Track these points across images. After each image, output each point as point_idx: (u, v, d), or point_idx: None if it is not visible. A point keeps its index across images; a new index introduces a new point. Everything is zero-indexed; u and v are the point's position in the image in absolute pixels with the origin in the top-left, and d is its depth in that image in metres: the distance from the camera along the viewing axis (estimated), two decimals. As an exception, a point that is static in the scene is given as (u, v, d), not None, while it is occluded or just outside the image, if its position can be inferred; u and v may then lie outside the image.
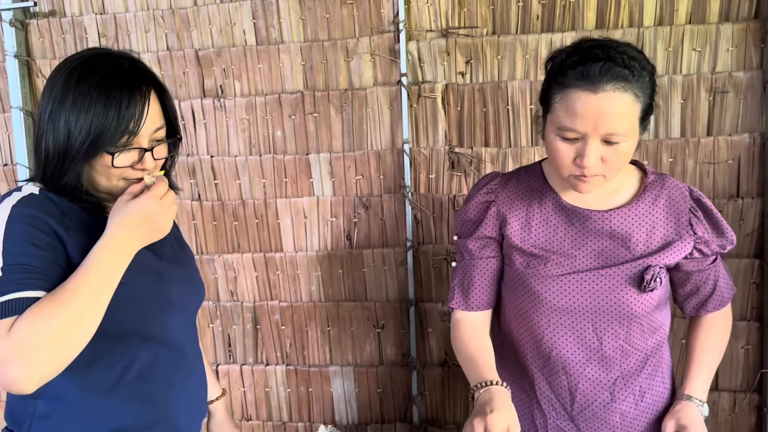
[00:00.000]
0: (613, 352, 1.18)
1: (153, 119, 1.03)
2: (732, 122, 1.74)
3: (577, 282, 1.16)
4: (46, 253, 0.95)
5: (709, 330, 1.26)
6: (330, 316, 2.01)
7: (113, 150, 1.00)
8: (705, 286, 1.23)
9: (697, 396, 1.19)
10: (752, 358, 1.78)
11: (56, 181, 1.02)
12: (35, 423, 1.04)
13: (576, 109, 1.01)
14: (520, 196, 1.22)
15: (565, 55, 1.05)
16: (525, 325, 1.23)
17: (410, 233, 1.92)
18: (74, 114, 0.98)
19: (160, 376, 1.11)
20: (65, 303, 0.91)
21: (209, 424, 1.42)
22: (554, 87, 1.06)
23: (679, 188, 1.19)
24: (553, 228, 1.19)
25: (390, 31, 1.89)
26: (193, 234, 2.05)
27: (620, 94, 0.99)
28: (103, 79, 0.99)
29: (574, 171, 1.06)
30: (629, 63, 1.00)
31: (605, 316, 1.17)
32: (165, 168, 1.16)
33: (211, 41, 2.00)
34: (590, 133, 1.01)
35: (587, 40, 1.07)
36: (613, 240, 1.16)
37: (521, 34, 1.82)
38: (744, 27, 1.70)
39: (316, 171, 1.97)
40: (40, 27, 2.09)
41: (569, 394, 1.21)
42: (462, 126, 1.88)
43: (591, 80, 0.99)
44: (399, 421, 2.01)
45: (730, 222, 1.73)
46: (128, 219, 1.00)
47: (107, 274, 0.96)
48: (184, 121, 2.02)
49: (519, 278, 1.21)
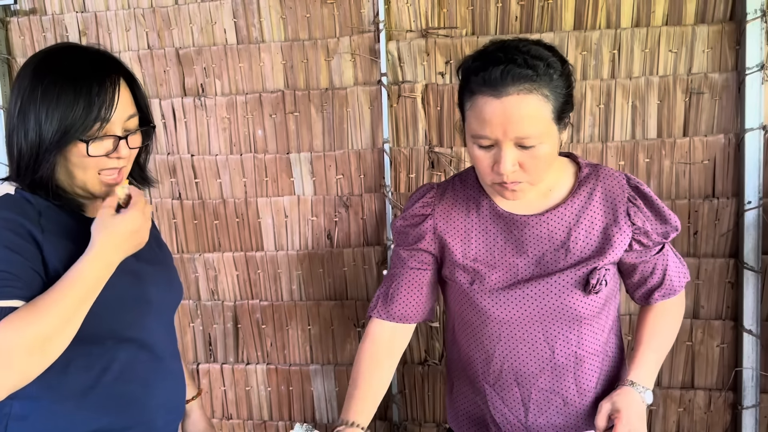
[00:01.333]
0: (566, 359, 1.17)
1: (124, 107, 1.03)
2: (708, 123, 1.76)
3: (523, 293, 1.13)
4: (22, 258, 0.94)
5: (657, 315, 1.23)
6: (311, 315, 2.01)
7: (86, 138, 0.99)
8: (653, 276, 1.19)
9: (640, 382, 1.15)
10: (727, 356, 1.79)
11: (31, 174, 1.01)
12: (11, 423, 1.03)
13: (484, 116, 0.98)
14: (457, 208, 1.19)
15: (471, 61, 1.03)
16: (474, 341, 1.21)
17: (390, 232, 1.93)
18: (44, 106, 0.98)
19: (138, 377, 1.11)
20: (44, 315, 0.91)
21: (185, 424, 1.42)
22: (464, 95, 1.03)
23: (616, 177, 1.15)
24: (492, 238, 1.16)
25: (370, 30, 1.89)
26: (174, 233, 2.05)
27: (525, 96, 0.96)
28: (71, 69, 0.99)
29: (495, 178, 1.04)
30: (532, 63, 0.97)
31: (555, 323, 1.14)
32: (140, 157, 1.16)
33: (192, 40, 2.00)
34: (501, 139, 0.99)
35: (493, 43, 1.04)
36: (552, 244, 1.13)
37: (500, 35, 1.83)
38: (719, 29, 1.72)
39: (297, 170, 1.97)
40: (20, 25, 2.09)
41: (523, 406, 1.20)
42: (442, 126, 1.89)
43: (493, 85, 0.96)
44: (379, 419, 2.01)
45: (705, 222, 1.76)
46: (116, 234, 1.00)
47: (90, 287, 0.97)
48: (164, 120, 2.02)
49: (464, 295, 1.18)
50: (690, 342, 1.80)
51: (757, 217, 1.70)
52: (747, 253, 1.72)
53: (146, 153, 1.18)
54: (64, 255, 0.99)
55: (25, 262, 0.95)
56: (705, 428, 1.83)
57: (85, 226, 1.05)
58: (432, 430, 1.98)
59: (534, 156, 1.00)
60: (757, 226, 1.70)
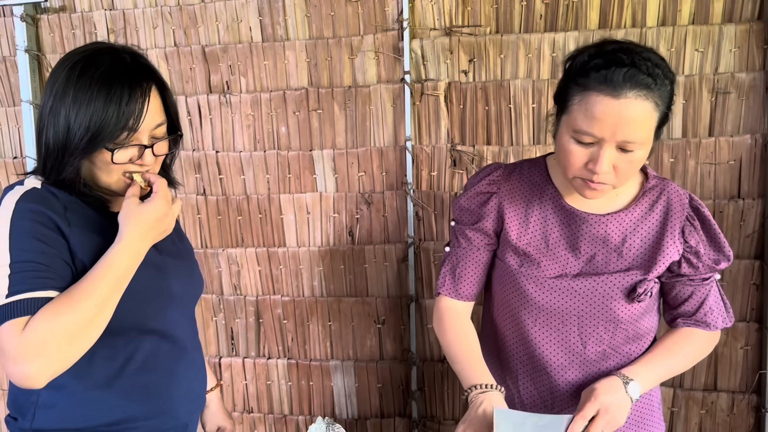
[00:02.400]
0: (595, 356, 1.18)
1: (153, 115, 1.03)
2: (734, 123, 1.74)
3: (568, 285, 1.15)
4: (52, 249, 0.97)
5: (681, 337, 1.20)
6: (331, 311, 2.03)
7: (112, 147, 1.00)
8: (687, 302, 1.19)
9: (631, 375, 1.11)
10: (751, 358, 1.78)
11: (56, 174, 1.03)
12: (38, 412, 1.06)
13: (595, 113, 0.99)
14: (521, 191, 1.21)
15: (588, 57, 1.03)
16: (512, 321, 1.23)
17: (412, 230, 1.94)
18: (74, 109, 0.99)
19: (162, 367, 1.13)
20: (79, 304, 0.94)
21: (203, 415, 1.44)
22: (573, 88, 1.03)
23: (679, 195, 1.17)
24: (549, 227, 1.18)
25: (394, 29, 1.90)
26: (198, 228, 2.08)
27: (641, 102, 0.98)
28: (104, 75, 1.00)
29: (584, 174, 1.05)
30: (653, 71, 0.99)
31: (591, 321, 1.16)
32: (165, 164, 1.17)
33: (218, 38, 2.03)
34: (607, 139, 1.00)
35: (610, 42, 1.04)
36: (606, 246, 1.15)
37: (524, 34, 1.83)
38: (747, 28, 1.71)
39: (320, 167, 1.99)
40: (50, 22, 2.13)
41: (550, 394, 1.21)
42: (464, 124, 1.90)
43: (614, 85, 0.97)
44: (398, 416, 2.02)
45: (730, 223, 1.74)
46: (143, 222, 1.02)
47: (121, 276, 0.99)
48: (190, 117, 2.05)
49: (510, 275, 1.20)
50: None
51: (784, 218, 1.69)
52: (773, 255, 1.70)
53: (172, 157, 1.19)
54: (89, 248, 1.02)
55: (54, 252, 0.97)
56: (727, 431, 1.81)
57: (109, 220, 1.08)
58: (451, 427, 1.99)
59: (629, 160, 1.02)
60: (783, 227, 1.69)
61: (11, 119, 2.18)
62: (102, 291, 0.96)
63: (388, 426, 2.03)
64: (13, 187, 1.04)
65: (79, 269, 1.00)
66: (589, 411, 1.05)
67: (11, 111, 2.17)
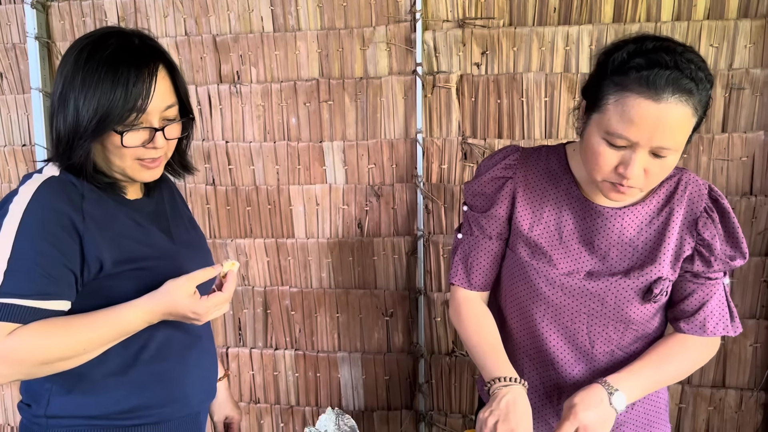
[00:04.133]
0: (603, 356, 1.15)
1: (162, 96, 1.02)
2: (747, 119, 1.74)
3: (581, 284, 1.11)
4: (58, 254, 0.96)
5: (678, 344, 1.13)
6: (339, 302, 2.03)
7: (121, 129, 1.00)
8: (686, 301, 1.13)
9: (615, 383, 1.06)
10: (760, 356, 1.78)
11: (66, 159, 1.02)
12: (53, 399, 1.07)
13: (632, 116, 0.93)
14: (537, 179, 1.15)
15: (627, 54, 0.96)
16: (520, 314, 1.20)
17: (421, 223, 1.94)
18: (83, 92, 0.98)
19: (176, 355, 1.13)
20: (70, 338, 0.97)
21: (211, 404, 1.44)
22: (609, 86, 0.96)
23: (698, 185, 1.10)
24: (564, 219, 1.13)
25: (406, 20, 1.89)
26: (207, 218, 2.08)
27: (682, 107, 0.92)
28: (111, 57, 0.99)
29: (612, 178, 0.99)
30: (696, 74, 0.93)
31: (602, 321, 1.13)
32: (181, 144, 1.16)
33: (229, 27, 2.02)
34: (642, 144, 0.94)
35: (650, 39, 0.97)
36: (621, 240, 1.10)
37: (538, 26, 1.82)
38: (762, 24, 1.70)
39: (329, 159, 1.99)
40: (60, 9, 2.12)
41: (557, 390, 1.19)
42: (476, 117, 1.89)
43: (655, 88, 0.91)
44: (405, 409, 2.03)
45: (742, 220, 1.74)
46: (177, 309, 1.02)
47: (124, 334, 1.02)
48: (200, 107, 2.04)
49: (520, 268, 1.16)
50: (723, 340, 1.79)
51: (796, 215, 1.68)
52: (784, 252, 1.70)
53: (187, 140, 1.18)
54: (102, 243, 1.01)
55: (61, 259, 0.97)
56: (735, 428, 1.82)
57: (125, 208, 1.08)
58: (458, 420, 1.99)
59: (661, 165, 0.98)
60: (795, 224, 1.68)
61: (20, 107, 2.17)
62: (98, 338, 0.99)
63: (394, 418, 2.04)
64: (31, 175, 1.04)
65: (89, 262, 1.00)
66: (567, 430, 1.01)
67: (20, 98, 2.17)
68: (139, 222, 1.10)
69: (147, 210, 1.15)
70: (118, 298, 1.03)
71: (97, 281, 1.02)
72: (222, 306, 1.08)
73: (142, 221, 1.11)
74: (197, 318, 1.04)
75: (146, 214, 1.14)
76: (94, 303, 1.02)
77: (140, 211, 1.13)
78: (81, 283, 1.01)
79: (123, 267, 1.03)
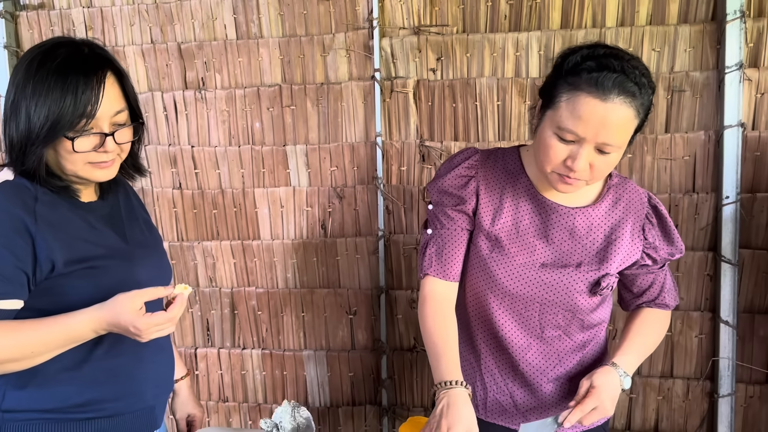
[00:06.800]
0: (551, 340, 1.25)
1: (111, 102, 1.06)
2: (688, 120, 1.82)
3: (536, 274, 1.20)
4: (10, 255, 1.01)
5: (646, 318, 1.30)
6: (305, 302, 2.09)
7: (72, 135, 1.03)
8: (650, 290, 1.28)
9: (622, 366, 1.20)
10: (705, 346, 1.85)
11: (20, 165, 1.06)
12: (8, 393, 1.10)
13: (581, 113, 1.03)
14: (496, 177, 1.24)
15: (581, 58, 1.06)
16: (477, 303, 1.27)
17: (382, 223, 2.00)
18: (34, 100, 1.02)
19: (129, 351, 1.17)
20: (19, 341, 1.02)
21: (173, 402, 1.48)
22: (563, 85, 1.07)
23: (639, 193, 1.24)
24: (521, 214, 1.22)
25: (364, 27, 1.96)
26: (174, 221, 2.13)
27: (626, 108, 1.03)
28: (60, 66, 1.03)
29: (560, 170, 1.09)
30: (639, 80, 1.03)
31: (552, 308, 1.22)
32: (133, 152, 1.21)
33: (194, 35, 2.07)
34: (588, 139, 1.04)
35: (602, 47, 1.08)
36: (572, 238, 1.21)
37: (489, 33, 1.90)
38: (701, 29, 1.78)
39: (293, 162, 2.04)
40: (29, 19, 2.16)
41: (511, 370, 1.27)
42: (432, 120, 1.96)
43: (603, 89, 1.01)
44: (369, 404, 2.08)
45: (685, 216, 1.82)
46: (122, 323, 1.04)
47: (72, 340, 1.06)
48: (166, 112, 2.10)
49: (480, 259, 1.24)
50: (670, 332, 1.86)
51: (735, 211, 1.76)
52: (725, 247, 1.78)
53: (139, 143, 1.22)
54: (54, 244, 1.05)
55: (13, 260, 1.02)
56: (683, 416, 1.89)
57: (79, 210, 1.12)
58: (420, 413, 2.05)
59: (605, 161, 1.07)
60: (734, 220, 1.76)
61: (-10, 114, 2.21)
62: (46, 342, 1.04)
63: (359, 413, 2.09)
64: None
65: (41, 263, 1.04)
66: (589, 406, 1.12)
67: (-10, 106, 2.20)
68: (92, 224, 1.14)
69: (101, 212, 1.19)
70: (70, 295, 1.08)
71: (50, 280, 1.07)
72: (164, 326, 1.07)
73: (96, 223, 1.15)
74: (138, 333, 1.04)
75: (100, 216, 1.18)
76: (46, 300, 1.07)
77: (94, 213, 1.16)
78: (33, 283, 1.05)
79: (74, 266, 1.07)
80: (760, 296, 1.81)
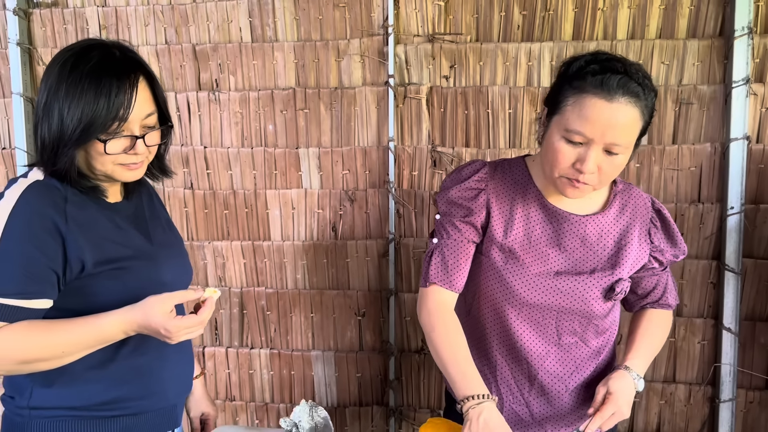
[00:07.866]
0: (567, 346, 1.27)
1: (142, 106, 1.08)
2: (695, 132, 1.86)
3: (553, 284, 1.22)
4: (42, 256, 1.03)
5: (650, 319, 1.35)
6: (314, 303, 2.11)
7: (104, 137, 1.06)
8: (654, 291, 1.33)
9: (634, 368, 1.23)
10: (707, 352, 1.90)
11: (51, 165, 1.08)
12: (36, 391, 1.12)
13: (588, 114, 1.06)
14: (506, 189, 1.26)
15: (585, 62, 1.10)
16: (494, 314, 1.29)
17: (392, 226, 2.03)
18: (67, 103, 1.04)
19: (153, 350, 1.19)
20: (50, 340, 1.03)
21: (187, 401, 1.49)
22: (568, 90, 1.10)
23: (643, 198, 1.28)
24: (532, 225, 1.24)
25: (379, 34, 1.99)
26: (185, 221, 2.14)
27: (631, 108, 1.06)
28: (93, 69, 1.05)
29: (569, 173, 1.11)
30: (643, 81, 1.07)
31: (569, 315, 1.25)
32: (159, 153, 1.23)
33: (208, 37, 2.09)
34: (596, 140, 1.06)
35: (603, 53, 1.12)
36: (584, 245, 1.23)
37: (502, 43, 1.93)
38: (709, 44, 1.83)
39: (305, 164, 2.07)
40: (42, 16, 2.17)
41: (528, 380, 1.29)
42: (444, 126, 1.99)
43: (608, 89, 1.04)
44: (376, 405, 2.11)
45: (690, 225, 1.87)
46: (152, 326, 1.06)
47: (102, 342, 1.08)
48: (179, 113, 2.11)
49: (495, 271, 1.25)
50: (673, 338, 1.91)
51: (739, 221, 1.81)
52: (728, 256, 1.82)
53: (166, 146, 1.24)
54: (84, 244, 1.07)
55: (45, 261, 1.03)
56: (684, 420, 1.94)
57: (106, 211, 1.14)
58: (426, 415, 2.08)
59: (613, 163, 1.10)
60: (738, 230, 1.81)
61: (1, 111, 2.21)
62: (76, 343, 1.05)
63: (366, 414, 2.12)
64: (16, 179, 1.09)
65: (74, 266, 1.06)
66: (608, 412, 1.16)
67: (1, 102, 2.21)
68: (119, 224, 1.16)
69: (126, 213, 1.21)
70: (99, 296, 1.10)
71: (79, 280, 1.08)
72: (194, 329, 1.09)
73: (122, 223, 1.17)
74: (168, 336, 1.06)
75: (126, 216, 1.20)
76: (75, 300, 1.09)
77: (120, 214, 1.18)
78: (63, 283, 1.07)
79: (103, 267, 1.09)
80: (761, 304, 1.86)
